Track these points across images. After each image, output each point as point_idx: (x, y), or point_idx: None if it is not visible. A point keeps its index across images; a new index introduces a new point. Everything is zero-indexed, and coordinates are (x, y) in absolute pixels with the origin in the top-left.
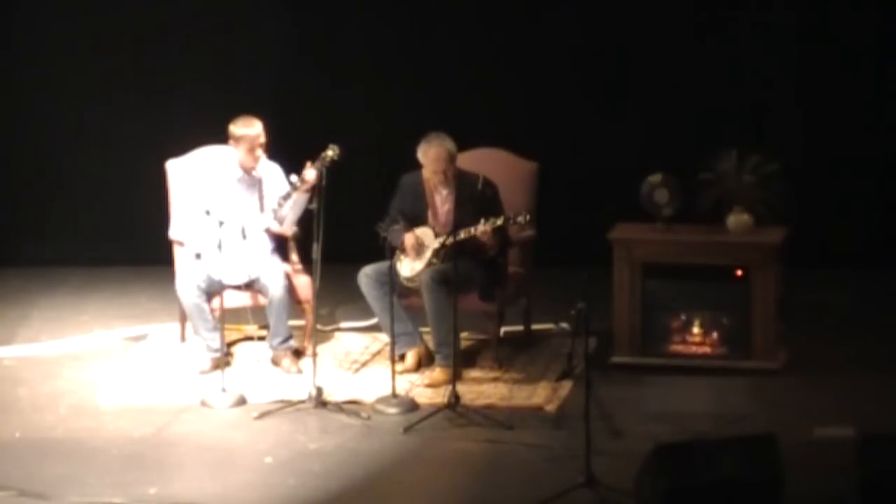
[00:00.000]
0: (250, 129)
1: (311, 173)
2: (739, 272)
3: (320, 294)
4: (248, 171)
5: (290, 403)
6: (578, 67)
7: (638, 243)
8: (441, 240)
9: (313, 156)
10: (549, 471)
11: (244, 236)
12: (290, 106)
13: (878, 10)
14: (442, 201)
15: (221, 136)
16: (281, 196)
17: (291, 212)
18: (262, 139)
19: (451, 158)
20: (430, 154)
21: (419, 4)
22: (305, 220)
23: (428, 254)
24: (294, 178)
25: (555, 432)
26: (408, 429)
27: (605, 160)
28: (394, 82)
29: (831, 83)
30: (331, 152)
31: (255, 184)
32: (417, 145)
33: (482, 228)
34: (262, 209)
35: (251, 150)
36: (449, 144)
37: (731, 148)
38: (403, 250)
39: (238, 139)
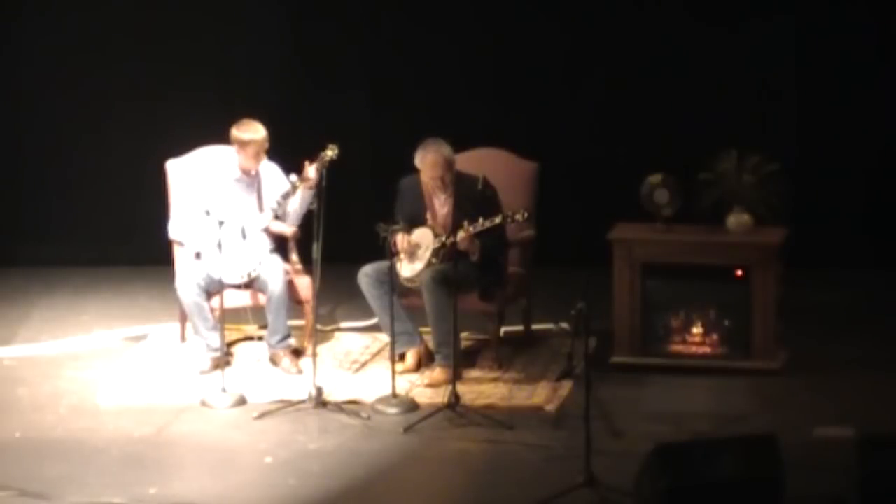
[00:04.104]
0: (257, 134)
1: (312, 170)
2: (739, 272)
3: (320, 294)
4: (246, 171)
5: (290, 403)
6: (578, 67)
7: (638, 243)
8: (441, 239)
9: (312, 156)
10: (549, 471)
11: (244, 236)
12: (290, 106)
13: (878, 10)
14: (441, 204)
15: (221, 137)
16: (281, 195)
17: (295, 210)
18: (267, 144)
19: (448, 165)
20: (427, 161)
21: (419, 4)
22: (305, 220)
23: (427, 254)
24: (294, 177)
25: (555, 432)
26: (408, 429)
27: (605, 160)
28: (393, 82)
29: (831, 83)
30: (330, 152)
31: (254, 183)
32: (416, 148)
33: (463, 233)
34: (260, 208)
35: (257, 155)
36: (445, 151)
37: (731, 148)
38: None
39: (245, 144)
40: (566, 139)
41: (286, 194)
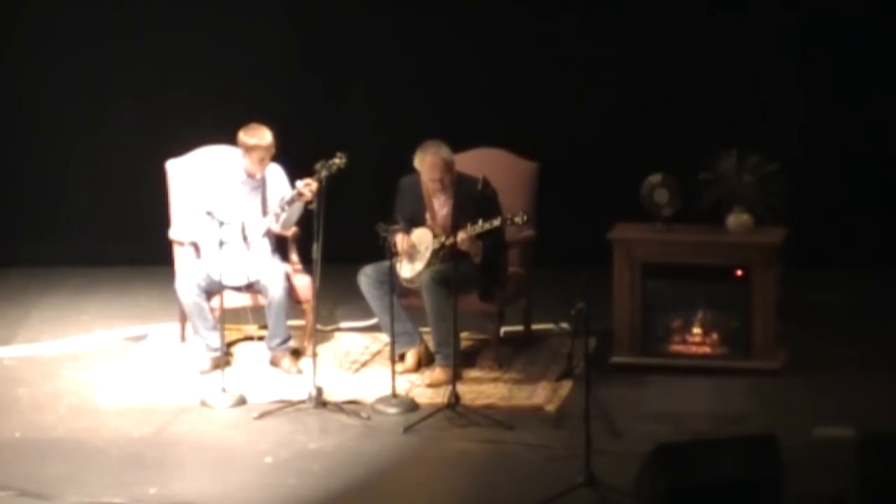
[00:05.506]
0: (262, 140)
1: (307, 190)
2: (739, 272)
3: (320, 294)
4: (251, 175)
5: (290, 403)
6: (578, 67)
7: (638, 243)
8: (441, 240)
9: (315, 159)
10: (549, 471)
11: (245, 239)
12: (290, 105)
13: (879, 9)
14: (440, 205)
15: (221, 137)
16: (285, 202)
17: (287, 218)
18: (273, 150)
19: (447, 167)
20: (425, 163)
21: (420, 4)
22: (305, 220)
23: (427, 254)
24: (300, 183)
25: (555, 432)
26: (408, 429)
27: (605, 160)
28: (394, 81)
29: (832, 82)
30: (338, 160)
31: (259, 186)
32: (416, 149)
33: (464, 234)
34: (264, 212)
35: (262, 161)
36: (444, 153)
37: (731, 148)
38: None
39: (250, 149)
40: (566, 139)
41: (290, 201)
